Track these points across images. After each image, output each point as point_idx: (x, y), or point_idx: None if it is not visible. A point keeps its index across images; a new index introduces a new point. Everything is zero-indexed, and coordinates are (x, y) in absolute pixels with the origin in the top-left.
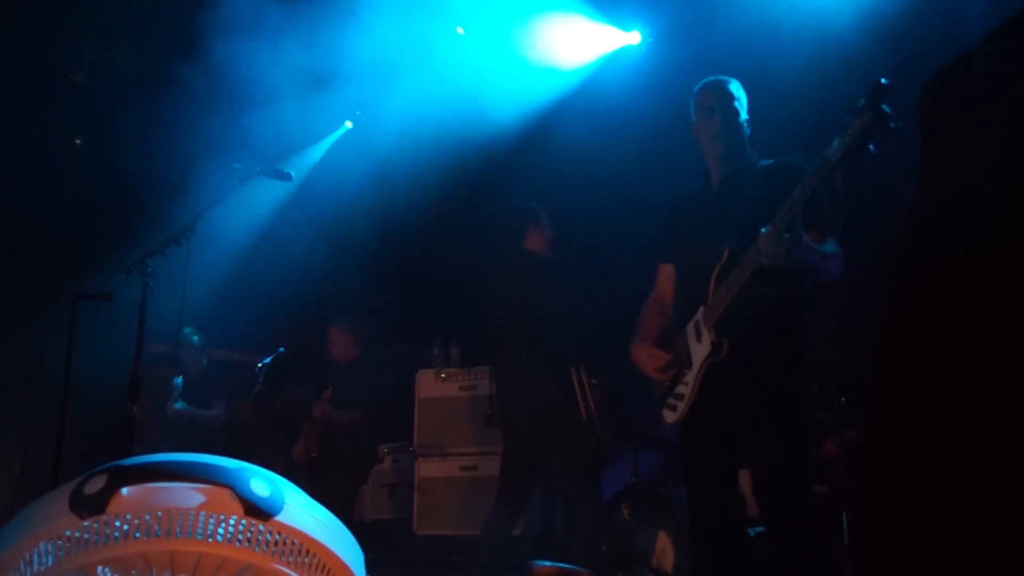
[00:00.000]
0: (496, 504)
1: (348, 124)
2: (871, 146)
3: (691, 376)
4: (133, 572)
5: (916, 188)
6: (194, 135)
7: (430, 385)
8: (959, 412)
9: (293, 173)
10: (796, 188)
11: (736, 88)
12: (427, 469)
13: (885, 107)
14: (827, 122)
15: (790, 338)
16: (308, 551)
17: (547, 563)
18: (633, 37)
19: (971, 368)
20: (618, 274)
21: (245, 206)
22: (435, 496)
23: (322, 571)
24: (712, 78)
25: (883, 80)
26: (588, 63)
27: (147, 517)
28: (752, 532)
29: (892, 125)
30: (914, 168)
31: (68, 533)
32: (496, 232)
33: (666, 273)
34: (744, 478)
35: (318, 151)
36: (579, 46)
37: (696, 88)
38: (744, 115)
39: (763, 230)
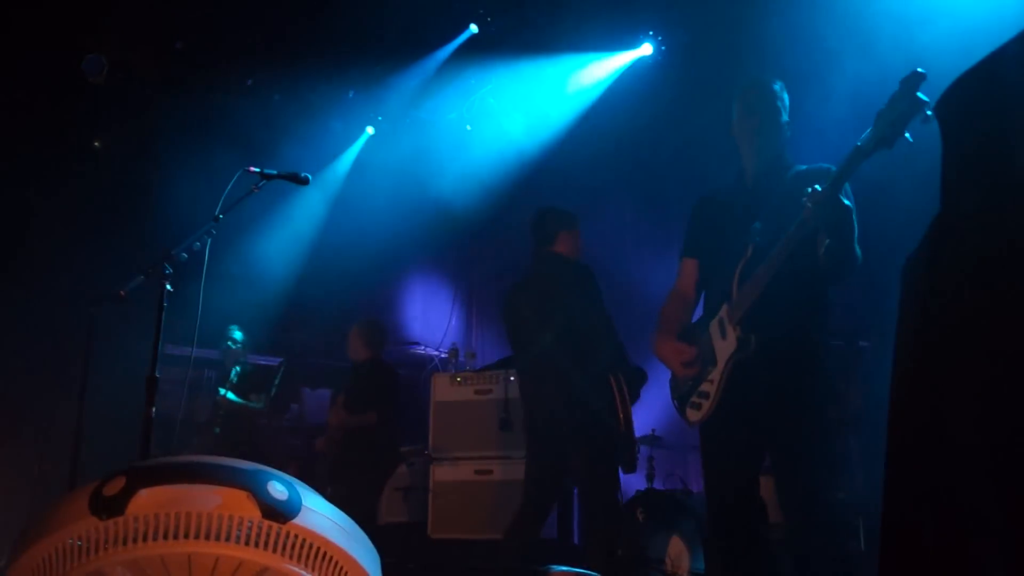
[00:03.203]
0: (522, 510)
1: (370, 130)
2: (907, 135)
3: (716, 374)
4: (150, 573)
5: (939, 188)
6: (213, 137)
7: (446, 388)
8: (984, 413)
9: (311, 176)
10: (833, 173)
11: (780, 88)
12: (442, 473)
13: (920, 95)
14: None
15: (816, 335)
16: (325, 554)
17: (562, 568)
18: (645, 49)
19: (992, 369)
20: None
21: (269, 208)
22: (450, 500)
23: (339, 574)
24: (757, 77)
25: (919, 69)
26: (603, 79)
27: (165, 519)
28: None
29: (928, 113)
30: (936, 169)
31: (87, 534)
32: (529, 234)
33: (689, 268)
34: (765, 484)
35: (346, 159)
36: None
37: (740, 86)
38: (785, 117)
39: (809, 189)
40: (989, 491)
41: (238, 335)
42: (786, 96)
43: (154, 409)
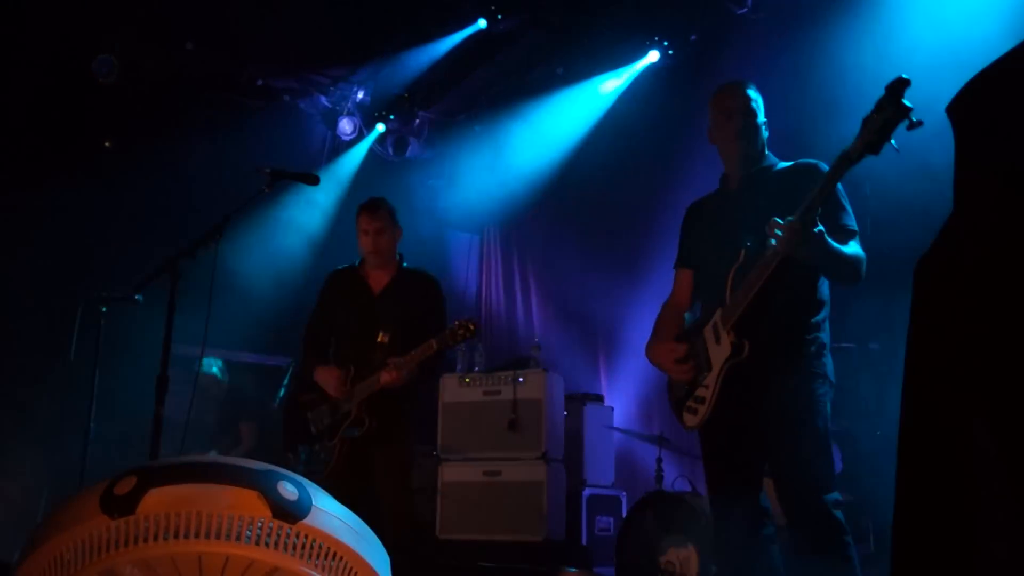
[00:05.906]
0: None
1: (380, 127)
2: (892, 142)
3: (711, 379)
4: (161, 572)
5: (953, 190)
6: (223, 137)
7: (454, 389)
8: (997, 415)
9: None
10: (817, 185)
11: (753, 91)
12: (450, 473)
13: (905, 102)
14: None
15: (811, 338)
16: (335, 554)
17: (575, 569)
18: (652, 57)
19: (1005, 371)
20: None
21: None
22: (458, 500)
23: (348, 574)
24: (730, 81)
25: (903, 75)
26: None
27: (176, 518)
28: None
29: (913, 120)
30: (950, 171)
31: (98, 533)
32: None
33: (683, 278)
34: (769, 486)
35: (355, 155)
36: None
37: (714, 92)
38: (762, 117)
39: (778, 219)
40: (1002, 493)
41: (215, 369)
42: (759, 96)
43: (164, 409)
